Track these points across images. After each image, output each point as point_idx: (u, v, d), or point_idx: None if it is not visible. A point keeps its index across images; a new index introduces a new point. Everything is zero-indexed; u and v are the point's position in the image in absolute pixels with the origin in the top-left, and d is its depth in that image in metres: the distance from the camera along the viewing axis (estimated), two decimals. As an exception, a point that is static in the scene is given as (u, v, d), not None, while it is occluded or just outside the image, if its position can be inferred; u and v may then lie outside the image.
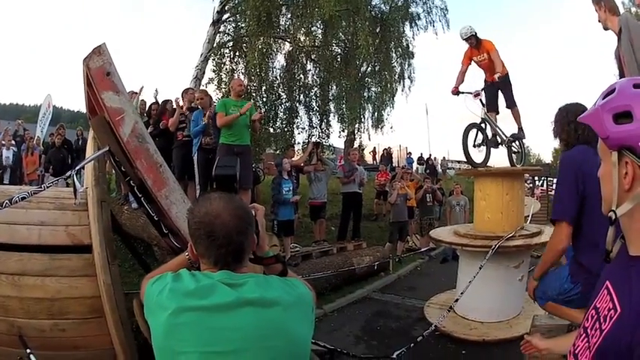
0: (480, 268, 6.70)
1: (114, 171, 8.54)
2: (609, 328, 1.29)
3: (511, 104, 9.17)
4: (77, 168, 4.04)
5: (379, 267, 11.28)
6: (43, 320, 3.75)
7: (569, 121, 3.34)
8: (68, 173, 4.01)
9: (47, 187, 3.97)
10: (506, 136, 9.30)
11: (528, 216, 8.30)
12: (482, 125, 8.85)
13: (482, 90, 8.95)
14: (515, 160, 9.23)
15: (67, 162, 13.54)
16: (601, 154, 1.44)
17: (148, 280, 2.02)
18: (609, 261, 1.44)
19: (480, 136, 8.79)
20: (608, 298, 1.37)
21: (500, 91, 9.20)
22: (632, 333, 1.18)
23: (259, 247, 2.13)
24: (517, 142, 9.52)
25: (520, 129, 9.46)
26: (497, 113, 9.43)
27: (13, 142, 15.32)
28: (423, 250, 13.76)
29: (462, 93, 8.90)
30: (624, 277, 1.34)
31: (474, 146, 8.62)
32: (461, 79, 9.16)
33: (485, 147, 8.83)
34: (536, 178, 26.09)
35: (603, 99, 1.39)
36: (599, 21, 5.04)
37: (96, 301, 3.76)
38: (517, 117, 9.32)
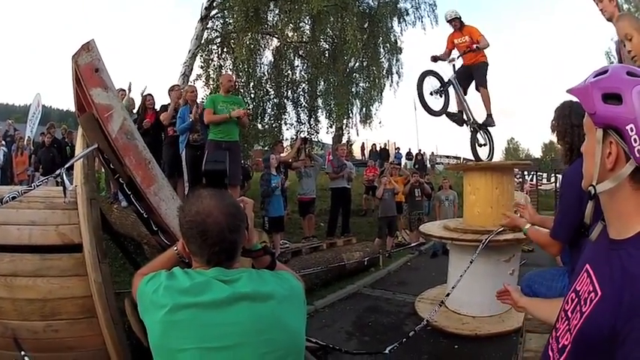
0: (471, 263, 6.70)
1: (103, 169, 8.51)
2: (590, 310, 1.34)
3: (481, 83, 8.89)
4: (66, 166, 4.02)
5: (369, 262, 11.24)
6: (36, 322, 3.74)
7: (573, 125, 3.30)
8: (58, 172, 3.98)
9: (37, 186, 3.95)
10: (473, 118, 9.08)
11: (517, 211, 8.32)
12: (446, 81, 8.71)
13: (455, 63, 8.88)
14: (483, 154, 9.08)
15: (56, 161, 13.40)
16: (586, 129, 1.47)
17: (139, 277, 2.01)
18: (588, 235, 1.51)
19: (438, 84, 8.62)
20: (588, 281, 1.41)
21: (473, 74, 8.96)
22: (614, 316, 1.23)
23: (248, 240, 2.14)
24: (484, 133, 9.23)
25: (489, 116, 9.09)
26: (465, 93, 9.13)
27: (3, 142, 15.28)
28: (412, 245, 13.76)
29: (439, 60, 8.84)
30: (604, 261, 1.39)
31: (431, 94, 8.48)
32: (443, 56, 9.05)
33: (443, 95, 8.68)
34: (525, 172, 26.25)
35: (594, 77, 1.43)
36: (601, 10, 4.99)
37: (87, 300, 3.75)
38: (487, 100, 8.94)
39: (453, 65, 8.81)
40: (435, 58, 8.92)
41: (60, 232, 3.86)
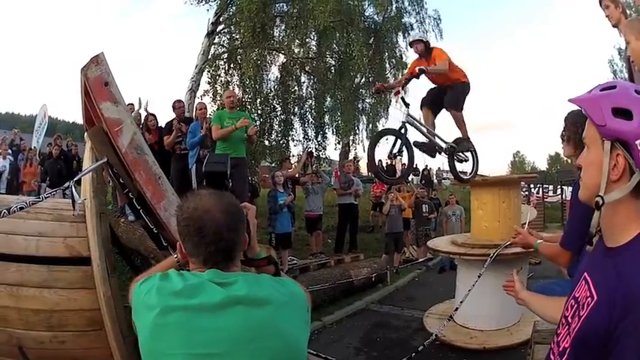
0: (479, 277, 6.67)
1: (110, 183, 8.55)
2: (586, 313, 1.40)
3: (451, 105, 7.87)
4: (75, 179, 4.02)
5: (377, 278, 11.18)
6: (42, 332, 3.73)
7: None
8: (66, 184, 3.98)
9: (45, 198, 3.94)
10: (447, 143, 8.01)
11: (525, 223, 8.28)
12: (402, 131, 7.42)
13: (403, 96, 7.76)
14: (464, 172, 8.41)
15: (63, 173, 13.41)
16: (589, 141, 1.50)
17: (136, 282, 1.95)
18: (592, 244, 1.53)
19: (398, 145, 7.36)
20: (586, 287, 1.46)
21: (447, 92, 7.87)
22: (609, 317, 1.29)
23: (250, 247, 2.07)
24: (464, 153, 8.25)
25: (466, 139, 8.15)
26: (435, 115, 8.11)
27: (9, 151, 15.12)
28: (420, 260, 13.73)
29: (384, 91, 8.01)
30: (601, 267, 1.44)
31: (390, 156, 7.57)
32: (398, 84, 8.01)
33: (405, 151, 7.41)
34: (531, 185, 26.15)
35: (602, 91, 1.47)
36: (607, 16, 5.02)
37: (95, 313, 3.74)
38: (461, 124, 8.03)
39: (402, 99, 7.72)
40: (377, 89, 8.25)
41: (68, 244, 3.85)
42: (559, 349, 1.55)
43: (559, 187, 30.12)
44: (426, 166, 28.59)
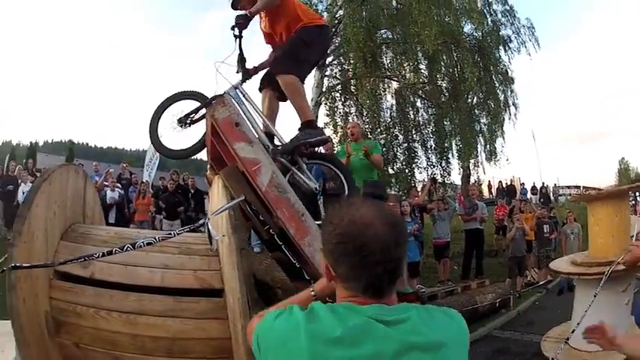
0: (595, 297, 6.61)
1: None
2: None
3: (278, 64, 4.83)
4: (212, 215, 4.15)
5: (500, 304, 11.14)
6: (159, 357, 3.78)
7: None
8: (201, 221, 4.08)
9: (178, 234, 3.91)
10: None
11: (633, 236, 7.94)
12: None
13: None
14: None
15: (181, 207, 14.12)
16: None
17: (259, 318, 1.68)
18: None
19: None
20: None
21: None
22: None
23: (401, 280, 1.73)
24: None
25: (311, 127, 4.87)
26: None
27: (118, 184, 15.53)
28: (540, 283, 13.53)
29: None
30: None
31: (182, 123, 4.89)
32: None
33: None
34: (637, 193, 24.56)
35: None
36: None
37: (223, 342, 3.74)
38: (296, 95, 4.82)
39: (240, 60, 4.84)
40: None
41: (198, 276, 3.96)
42: None
43: (662, 194, 28.13)
44: (543, 183, 28.01)
